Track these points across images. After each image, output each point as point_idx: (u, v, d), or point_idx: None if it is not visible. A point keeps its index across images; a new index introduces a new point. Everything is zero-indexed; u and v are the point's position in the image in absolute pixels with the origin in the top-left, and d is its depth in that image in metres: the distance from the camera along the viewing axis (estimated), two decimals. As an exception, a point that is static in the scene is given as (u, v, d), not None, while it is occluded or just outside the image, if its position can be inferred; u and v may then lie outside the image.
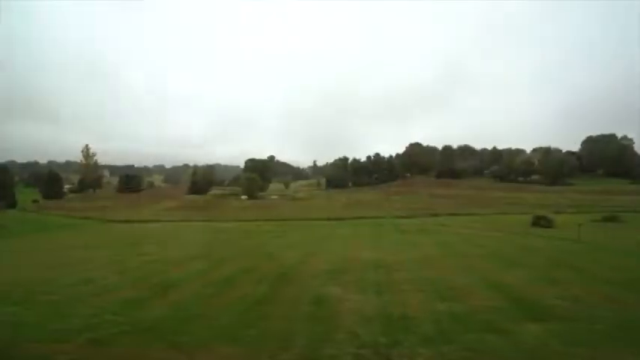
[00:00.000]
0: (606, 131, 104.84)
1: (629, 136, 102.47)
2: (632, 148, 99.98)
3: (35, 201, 65.24)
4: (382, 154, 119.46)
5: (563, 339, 5.54)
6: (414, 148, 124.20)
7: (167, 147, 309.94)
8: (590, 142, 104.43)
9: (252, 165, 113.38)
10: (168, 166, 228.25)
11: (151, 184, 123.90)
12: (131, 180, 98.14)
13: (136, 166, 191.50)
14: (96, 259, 14.33)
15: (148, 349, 5.59)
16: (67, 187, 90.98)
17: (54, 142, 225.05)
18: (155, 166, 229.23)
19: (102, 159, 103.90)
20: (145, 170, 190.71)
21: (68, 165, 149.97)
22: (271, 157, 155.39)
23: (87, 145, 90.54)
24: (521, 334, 5.77)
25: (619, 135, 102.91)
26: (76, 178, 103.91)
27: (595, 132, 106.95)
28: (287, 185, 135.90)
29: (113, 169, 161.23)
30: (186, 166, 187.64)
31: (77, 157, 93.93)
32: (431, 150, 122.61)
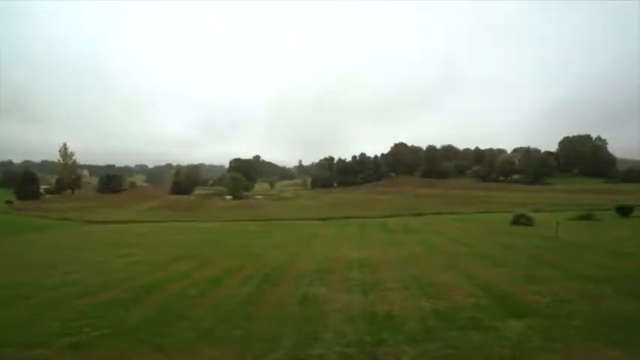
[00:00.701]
0: (582, 132, 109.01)
1: (603, 137, 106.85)
2: (606, 148, 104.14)
3: (9, 202, 62.61)
4: (368, 153, 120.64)
5: (543, 334, 5.71)
6: (399, 148, 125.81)
7: (150, 146, 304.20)
8: (566, 143, 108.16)
9: (237, 165, 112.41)
10: (150, 165, 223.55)
11: (133, 184, 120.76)
12: (112, 180, 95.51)
13: (117, 165, 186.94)
14: (76, 261, 13.88)
15: (130, 352, 5.46)
16: (43, 187, 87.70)
17: (29, 141, 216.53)
18: (137, 166, 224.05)
19: (81, 158, 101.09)
20: (127, 170, 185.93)
21: (45, 165, 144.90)
22: (256, 157, 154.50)
23: (65, 144, 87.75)
24: (503, 331, 5.91)
25: (593, 136, 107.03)
26: (53, 179, 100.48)
27: (571, 133, 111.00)
28: (272, 185, 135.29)
29: (93, 169, 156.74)
30: (169, 165, 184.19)
31: (54, 156, 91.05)
32: (415, 150, 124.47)
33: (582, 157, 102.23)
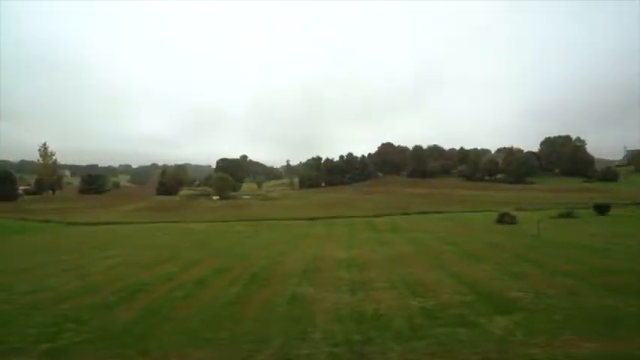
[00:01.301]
0: (562, 133, 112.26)
1: (582, 137, 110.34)
2: (585, 149, 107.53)
3: (-15, 203, 60.34)
4: (355, 153, 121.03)
5: (526, 329, 5.85)
6: (386, 148, 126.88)
7: (134, 146, 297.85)
8: (548, 143, 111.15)
9: (224, 164, 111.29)
10: (135, 165, 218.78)
11: (117, 185, 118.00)
12: (95, 180, 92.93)
13: (100, 165, 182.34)
14: (56, 264, 13.47)
15: (114, 357, 5.33)
16: (22, 188, 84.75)
17: (7, 140, 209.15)
18: (121, 166, 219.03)
19: (62, 158, 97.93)
20: (110, 170, 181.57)
21: (23, 165, 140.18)
22: (243, 157, 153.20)
23: (45, 144, 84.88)
24: (489, 327, 6.03)
25: (573, 137, 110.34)
26: (32, 179, 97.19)
27: (552, 133, 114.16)
28: (260, 185, 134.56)
29: (75, 169, 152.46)
30: (154, 165, 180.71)
31: (34, 156, 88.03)
32: (402, 150, 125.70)
33: (562, 157, 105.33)
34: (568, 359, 4.74)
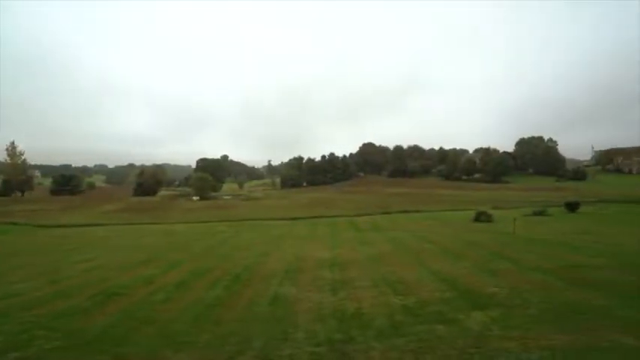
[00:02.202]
0: (536, 134, 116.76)
1: (554, 138, 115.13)
2: (556, 149, 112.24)
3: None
4: (337, 153, 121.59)
5: (502, 324, 6.05)
6: (367, 148, 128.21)
7: (110, 145, 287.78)
8: (522, 144, 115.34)
9: (204, 164, 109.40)
10: (111, 165, 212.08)
11: (92, 185, 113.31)
12: (67, 180, 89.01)
13: (73, 165, 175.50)
14: (25, 269, 12.84)
15: (88, 364, 5.14)
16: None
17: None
18: (96, 166, 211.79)
19: (32, 158, 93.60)
20: (84, 170, 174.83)
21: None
22: (224, 157, 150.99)
23: (13, 142, 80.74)
24: (467, 322, 6.20)
25: (546, 137, 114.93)
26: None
27: (526, 134, 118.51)
28: (241, 185, 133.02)
29: (46, 170, 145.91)
30: (131, 165, 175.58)
31: (1, 155, 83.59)
32: (383, 150, 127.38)
33: (536, 157, 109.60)
34: (541, 351, 4.94)
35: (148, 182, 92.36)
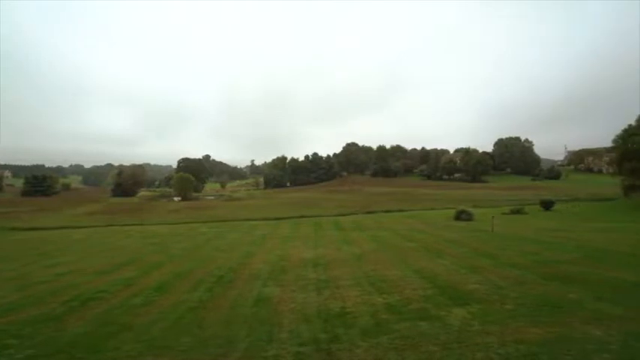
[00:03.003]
0: (513, 134, 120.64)
1: (530, 139, 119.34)
2: (533, 149, 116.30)
3: None
4: (320, 153, 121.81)
5: (481, 319, 6.22)
6: (351, 148, 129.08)
7: (86, 145, 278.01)
8: (500, 144, 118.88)
9: (186, 164, 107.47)
10: (87, 165, 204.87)
11: (67, 186, 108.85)
12: (40, 181, 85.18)
13: (47, 165, 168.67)
14: (-6, 274, 12.24)
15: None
16: (-48, 190, 76.19)
17: None
18: (72, 166, 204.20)
19: (2, 158, 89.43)
20: (59, 170, 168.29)
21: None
22: (206, 157, 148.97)
23: (-20, 141, 77.05)
24: (448, 319, 6.33)
25: (522, 138, 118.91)
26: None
27: (504, 134, 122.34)
28: (224, 185, 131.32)
29: (17, 170, 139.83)
30: (109, 165, 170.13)
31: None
32: (366, 150, 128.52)
33: (513, 157, 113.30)
34: (518, 344, 5.10)
35: (127, 183, 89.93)
